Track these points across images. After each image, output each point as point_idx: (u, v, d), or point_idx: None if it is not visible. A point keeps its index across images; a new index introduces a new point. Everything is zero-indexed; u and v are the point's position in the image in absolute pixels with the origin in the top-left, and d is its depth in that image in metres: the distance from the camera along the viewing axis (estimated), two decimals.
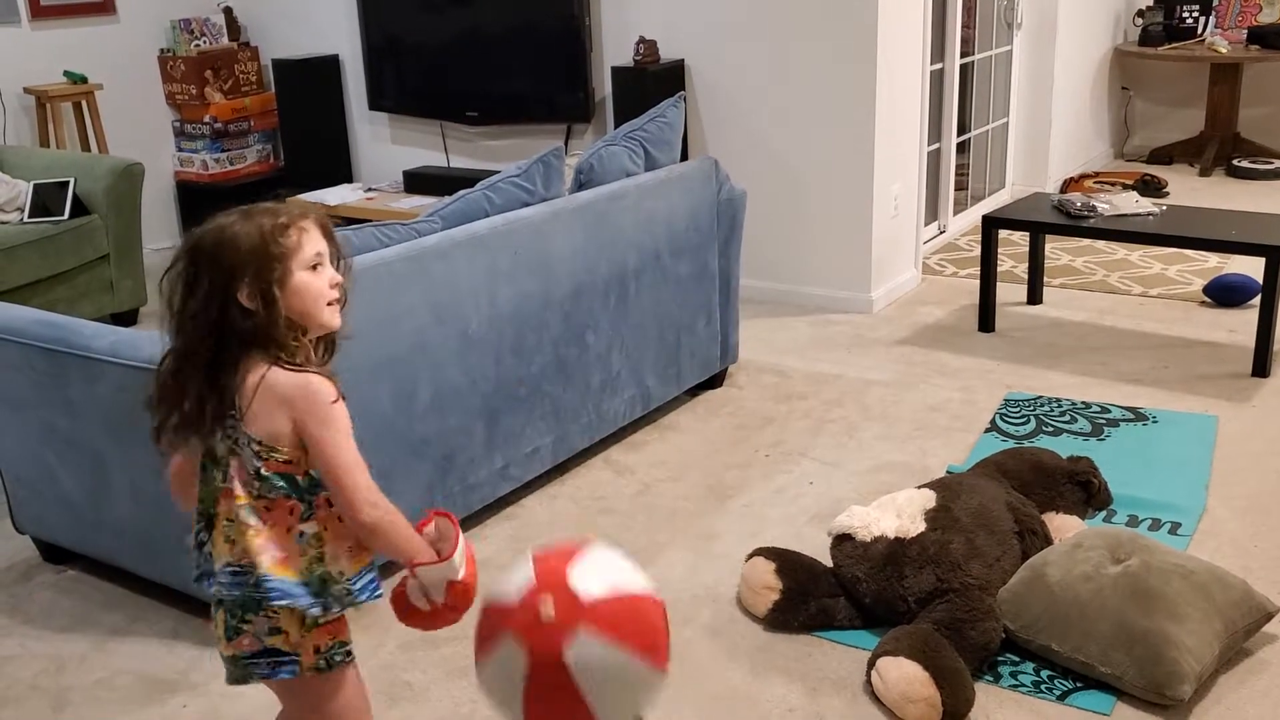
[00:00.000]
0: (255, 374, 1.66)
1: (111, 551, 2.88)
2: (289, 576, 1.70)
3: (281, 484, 1.69)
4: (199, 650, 2.66)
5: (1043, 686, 2.40)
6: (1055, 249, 5.33)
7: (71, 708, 2.50)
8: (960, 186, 5.88)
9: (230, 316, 1.64)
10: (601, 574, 1.70)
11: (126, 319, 4.90)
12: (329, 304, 1.71)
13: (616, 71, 4.89)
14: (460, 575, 1.72)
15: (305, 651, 1.75)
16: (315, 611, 1.72)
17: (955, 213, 5.75)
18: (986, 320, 4.46)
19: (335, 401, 1.68)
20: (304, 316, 1.69)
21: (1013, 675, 2.44)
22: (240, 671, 1.77)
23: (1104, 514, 3.02)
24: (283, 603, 1.69)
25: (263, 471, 1.68)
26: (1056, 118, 6.40)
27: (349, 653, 1.82)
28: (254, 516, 1.69)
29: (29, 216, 4.63)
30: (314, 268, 1.69)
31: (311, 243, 1.69)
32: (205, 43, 6.00)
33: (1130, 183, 6.23)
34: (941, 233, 5.65)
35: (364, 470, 1.69)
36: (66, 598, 2.93)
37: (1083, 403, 3.74)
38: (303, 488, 1.70)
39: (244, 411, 1.66)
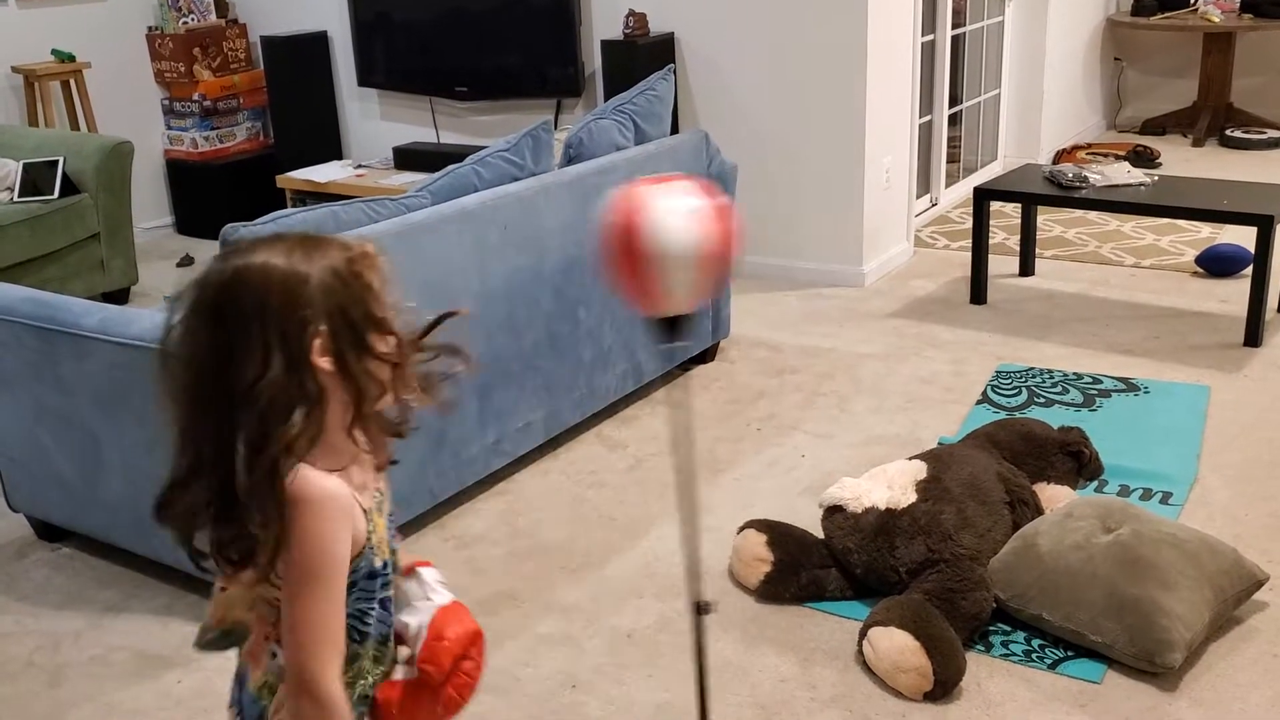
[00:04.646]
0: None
1: (105, 529, 2.89)
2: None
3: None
4: (193, 626, 2.65)
5: (1034, 655, 2.42)
6: (1047, 221, 5.32)
7: (67, 684, 2.51)
8: (952, 159, 5.86)
9: (305, 391, 1.17)
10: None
11: (118, 298, 4.89)
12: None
13: (606, 45, 4.87)
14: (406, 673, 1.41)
15: None
16: None
17: (947, 185, 5.74)
18: (978, 292, 4.46)
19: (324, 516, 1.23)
20: (380, 392, 1.25)
21: (1004, 645, 2.45)
22: None
23: (1095, 484, 3.04)
24: None
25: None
26: (1049, 89, 6.38)
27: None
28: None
29: (19, 196, 4.62)
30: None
31: (386, 287, 1.26)
32: (193, 20, 5.95)
33: (1123, 154, 6.22)
34: (933, 205, 5.64)
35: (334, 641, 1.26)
36: (61, 575, 2.93)
37: (1074, 374, 3.75)
38: None
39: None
